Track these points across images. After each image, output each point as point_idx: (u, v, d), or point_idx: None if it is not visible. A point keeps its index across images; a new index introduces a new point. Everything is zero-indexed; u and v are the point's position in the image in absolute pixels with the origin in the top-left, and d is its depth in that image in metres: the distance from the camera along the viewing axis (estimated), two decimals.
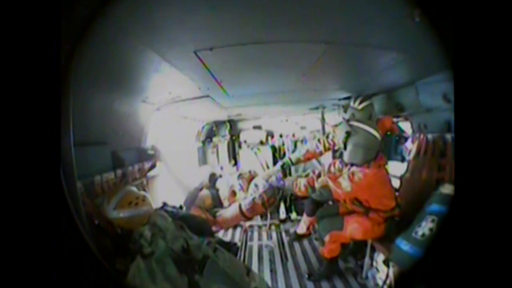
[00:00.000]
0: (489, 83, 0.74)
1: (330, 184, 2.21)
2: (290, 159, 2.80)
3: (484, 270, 0.74)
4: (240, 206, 2.27)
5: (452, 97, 1.11)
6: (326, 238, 2.33)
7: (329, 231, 2.32)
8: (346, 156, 2.30)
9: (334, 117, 4.08)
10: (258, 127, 4.99)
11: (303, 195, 2.41)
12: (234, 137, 4.91)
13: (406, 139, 2.80)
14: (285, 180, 2.50)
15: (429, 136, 2.40)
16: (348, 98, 3.02)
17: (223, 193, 2.81)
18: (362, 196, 2.25)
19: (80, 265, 0.83)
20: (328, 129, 4.08)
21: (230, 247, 2.47)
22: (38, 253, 0.74)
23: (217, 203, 2.77)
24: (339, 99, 3.14)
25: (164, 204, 2.50)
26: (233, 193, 2.73)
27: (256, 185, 2.42)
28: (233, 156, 4.89)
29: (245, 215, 2.24)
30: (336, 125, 2.41)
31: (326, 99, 3.23)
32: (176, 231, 1.72)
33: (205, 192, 2.80)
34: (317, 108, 3.75)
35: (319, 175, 2.54)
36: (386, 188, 2.28)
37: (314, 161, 4.39)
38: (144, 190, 2.21)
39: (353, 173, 2.21)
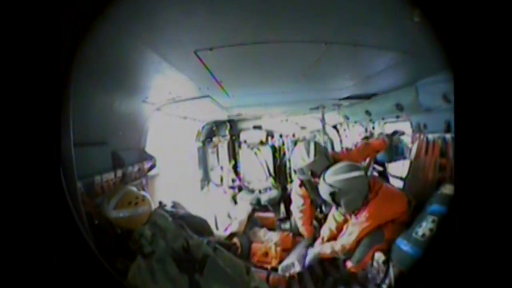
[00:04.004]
0: (489, 84, 0.74)
1: (346, 246, 2.27)
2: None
3: (483, 270, 0.74)
4: (268, 276, 2.35)
5: (452, 97, 1.11)
6: (369, 255, 2.20)
7: (372, 247, 2.21)
8: (343, 210, 2.30)
9: (334, 117, 4.08)
10: (258, 127, 4.98)
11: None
12: (234, 137, 4.90)
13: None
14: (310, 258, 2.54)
15: (429, 136, 2.40)
16: (348, 98, 3.02)
17: (255, 248, 2.81)
18: (377, 224, 2.23)
19: (80, 265, 0.83)
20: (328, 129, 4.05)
21: (230, 246, 2.47)
22: (38, 253, 0.74)
23: (245, 255, 2.76)
24: (339, 99, 3.13)
25: (161, 203, 2.50)
26: (265, 254, 2.73)
27: (293, 264, 2.46)
28: (233, 156, 4.88)
29: (268, 283, 2.34)
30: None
31: (326, 99, 3.22)
32: (176, 230, 1.72)
33: (235, 240, 2.81)
34: (317, 108, 3.75)
35: (335, 238, 2.55)
36: (392, 202, 2.25)
37: None
38: (144, 190, 2.21)
39: (356, 216, 2.22)
